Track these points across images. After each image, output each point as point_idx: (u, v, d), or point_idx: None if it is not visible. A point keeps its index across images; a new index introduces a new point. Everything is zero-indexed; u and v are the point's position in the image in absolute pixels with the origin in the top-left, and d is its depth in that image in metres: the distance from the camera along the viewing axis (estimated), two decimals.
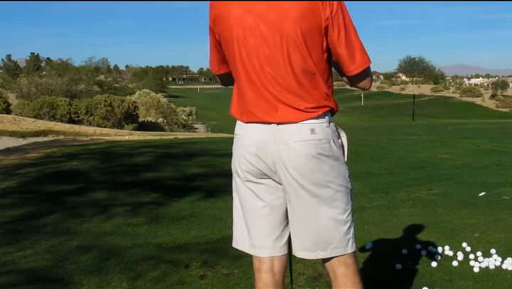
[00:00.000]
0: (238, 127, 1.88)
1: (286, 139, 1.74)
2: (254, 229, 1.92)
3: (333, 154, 1.78)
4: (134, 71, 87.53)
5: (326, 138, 1.76)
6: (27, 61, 76.68)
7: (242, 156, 1.85)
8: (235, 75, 1.82)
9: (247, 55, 1.74)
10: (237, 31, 1.73)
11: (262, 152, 1.79)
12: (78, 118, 24.85)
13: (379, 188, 5.82)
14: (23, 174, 6.99)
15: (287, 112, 1.73)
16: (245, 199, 1.92)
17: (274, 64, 1.71)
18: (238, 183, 1.94)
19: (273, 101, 1.74)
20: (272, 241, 1.89)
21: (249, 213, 1.93)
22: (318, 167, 1.75)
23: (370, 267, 3.17)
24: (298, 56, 1.69)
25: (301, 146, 1.74)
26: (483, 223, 4.12)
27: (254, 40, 1.72)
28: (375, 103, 62.94)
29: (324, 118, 1.77)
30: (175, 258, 3.40)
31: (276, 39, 1.69)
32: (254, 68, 1.74)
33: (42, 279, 3.05)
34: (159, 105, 31.27)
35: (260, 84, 1.75)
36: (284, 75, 1.71)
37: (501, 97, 66.92)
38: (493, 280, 2.94)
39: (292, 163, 1.75)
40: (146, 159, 8.54)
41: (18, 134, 15.99)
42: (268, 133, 1.76)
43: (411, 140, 12.09)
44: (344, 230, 1.82)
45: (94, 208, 4.86)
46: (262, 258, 1.92)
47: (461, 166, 7.44)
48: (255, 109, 1.78)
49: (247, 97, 1.79)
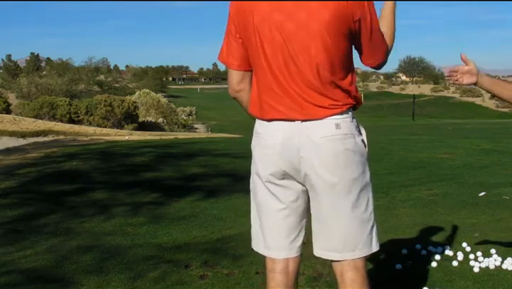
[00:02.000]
0: (259, 126, 1.83)
1: (311, 135, 1.73)
2: (270, 230, 1.88)
3: (358, 149, 1.77)
4: (134, 71, 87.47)
5: (350, 132, 1.75)
6: (27, 61, 76.67)
7: (266, 156, 1.80)
8: (258, 71, 1.79)
9: (272, 51, 1.73)
10: (263, 27, 1.72)
11: (287, 151, 1.75)
12: (78, 118, 24.86)
13: (379, 188, 5.82)
14: (23, 174, 6.99)
15: (311, 109, 1.72)
16: (264, 200, 1.88)
17: (299, 62, 1.70)
18: (257, 184, 1.88)
19: (297, 98, 1.73)
20: (289, 243, 1.87)
21: (265, 214, 1.89)
22: (346, 163, 1.74)
23: (370, 267, 3.17)
24: (323, 56, 1.69)
25: (327, 141, 1.72)
26: (483, 223, 4.12)
27: (280, 37, 1.70)
28: (375, 103, 62.89)
29: (348, 113, 1.76)
30: (175, 258, 3.40)
31: (303, 38, 1.68)
32: (278, 65, 1.73)
33: (42, 279, 3.05)
34: (159, 105, 31.28)
35: (284, 81, 1.73)
36: (308, 74, 1.70)
37: None
38: (493, 280, 2.93)
39: (319, 159, 1.72)
40: (146, 159, 8.54)
41: (18, 134, 15.99)
42: (293, 131, 1.74)
43: (411, 140, 12.09)
44: (369, 229, 1.80)
45: (94, 208, 4.86)
46: (276, 259, 1.89)
47: (461, 166, 7.44)
48: (280, 106, 1.75)
49: (271, 93, 1.76)
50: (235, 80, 1.88)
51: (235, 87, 1.89)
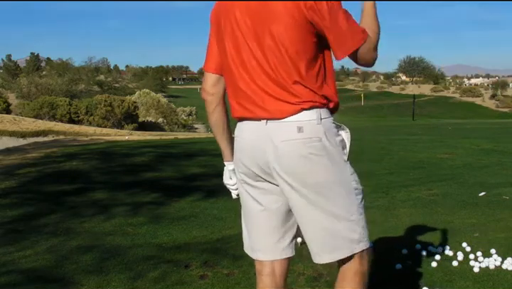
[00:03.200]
0: (236, 129, 1.86)
1: (273, 138, 1.70)
2: (254, 232, 1.89)
3: (327, 152, 1.69)
4: (134, 71, 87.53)
5: (316, 136, 1.68)
6: (27, 61, 76.65)
7: (238, 158, 1.83)
8: (227, 72, 1.80)
9: (235, 50, 1.74)
10: (225, 25, 1.76)
11: (254, 154, 1.75)
12: (78, 118, 24.86)
13: (379, 188, 5.82)
14: (23, 174, 6.99)
15: (273, 104, 1.69)
16: (244, 202, 1.89)
17: (258, 56, 1.70)
18: (239, 186, 1.91)
19: (260, 93, 1.71)
20: (273, 244, 1.86)
21: (248, 216, 1.90)
22: (310, 168, 1.68)
23: (370, 267, 3.17)
24: (281, 49, 1.66)
25: (287, 146, 1.68)
26: (483, 223, 4.12)
27: (241, 35, 1.72)
28: (375, 103, 62.91)
29: (314, 115, 1.69)
30: (175, 258, 3.40)
31: (260, 32, 1.68)
32: (242, 62, 1.73)
33: (42, 279, 3.05)
34: (159, 105, 31.28)
35: (248, 77, 1.73)
36: (267, 68, 1.69)
37: (501, 97, 66.90)
38: (493, 280, 2.93)
39: (281, 164, 1.70)
40: (146, 159, 8.54)
41: (18, 134, 15.99)
42: (258, 132, 1.73)
43: (411, 140, 12.08)
44: (349, 229, 1.74)
45: (94, 208, 4.86)
46: (263, 262, 1.89)
47: (461, 166, 7.44)
48: (245, 102, 1.75)
49: (238, 91, 1.77)
50: (210, 83, 1.90)
51: (209, 90, 1.90)
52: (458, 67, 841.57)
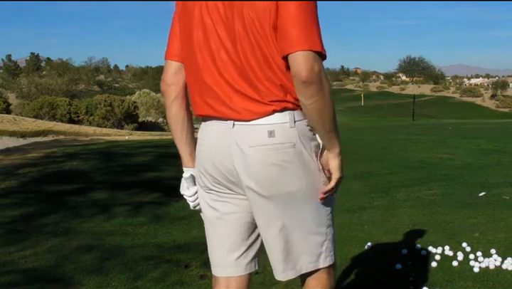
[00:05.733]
0: (199, 130, 1.67)
1: (241, 143, 1.52)
2: (210, 244, 1.75)
3: (300, 159, 1.52)
4: (134, 71, 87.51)
5: (289, 141, 1.50)
6: (27, 61, 76.67)
7: (199, 163, 1.66)
8: (191, 62, 1.60)
9: (204, 38, 1.55)
10: (194, 8, 1.56)
11: (218, 159, 1.57)
12: (78, 118, 24.85)
13: (379, 188, 5.82)
14: (23, 174, 6.99)
15: (241, 102, 1.51)
16: (204, 208, 1.73)
17: (229, 47, 1.51)
18: (200, 191, 1.73)
19: (226, 88, 1.53)
20: (232, 260, 1.69)
21: (206, 224, 1.75)
22: (280, 176, 1.51)
23: (370, 267, 3.17)
24: (251, 38, 1.47)
25: (257, 152, 1.50)
26: (483, 223, 4.12)
27: (210, 21, 1.53)
28: (375, 103, 62.86)
29: (286, 117, 1.51)
30: (175, 258, 3.40)
31: (231, 18, 1.49)
32: (210, 52, 1.54)
33: (42, 279, 3.05)
34: (159, 105, 31.23)
35: (215, 69, 1.54)
36: (238, 60, 1.50)
37: (501, 97, 66.87)
38: (493, 280, 2.94)
39: (248, 172, 1.52)
40: (146, 159, 8.54)
41: (18, 134, 16.00)
42: (223, 135, 1.55)
43: (411, 140, 12.08)
44: (316, 243, 1.61)
45: (94, 208, 4.86)
46: (217, 277, 1.73)
47: (461, 166, 7.44)
48: (210, 99, 1.56)
49: (202, 86, 1.58)
50: (171, 72, 1.68)
51: (169, 80, 1.68)
52: (458, 67, 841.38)
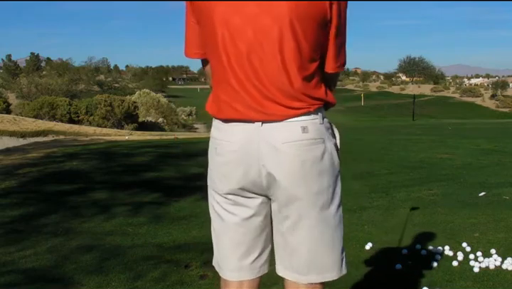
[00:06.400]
0: (215, 130, 1.59)
1: (272, 140, 1.46)
2: (223, 247, 1.69)
3: (329, 156, 1.51)
4: (134, 71, 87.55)
5: (320, 137, 1.49)
6: (27, 61, 76.65)
7: (220, 165, 1.61)
8: (216, 63, 1.51)
9: (230, 38, 1.44)
10: (222, 9, 1.44)
11: (245, 159, 1.50)
12: (78, 118, 24.86)
13: (379, 188, 5.82)
14: (23, 174, 6.99)
15: (273, 108, 1.46)
16: (219, 213, 1.70)
17: (261, 51, 1.43)
18: (214, 196, 1.70)
19: (257, 95, 1.45)
20: (249, 263, 1.63)
21: (220, 228, 1.71)
22: (313, 173, 1.48)
23: (370, 267, 3.17)
24: (291, 43, 1.42)
25: (290, 148, 1.46)
26: (483, 223, 4.12)
27: (240, 21, 1.42)
28: (375, 103, 62.87)
29: (317, 114, 1.50)
30: (175, 258, 3.40)
31: (267, 21, 1.41)
32: (238, 55, 1.45)
33: (42, 279, 3.05)
34: (159, 105, 31.28)
35: (243, 75, 1.45)
36: (272, 65, 1.43)
37: (501, 97, 66.88)
38: (493, 280, 2.93)
39: (281, 169, 1.47)
40: (146, 159, 8.55)
41: (18, 134, 16.01)
42: (251, 135, 1.48)
43: (411, 140, 12.08)
44: (339, 248, 1.58)
45: (94, 208, 4.86)
46: (229, 281, 1.66)
47: (461, 166, 7.44)
48: (236, 104, 1.48)
49: (228, 89, 1.49)
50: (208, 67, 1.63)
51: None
52: (458, 67, 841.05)
